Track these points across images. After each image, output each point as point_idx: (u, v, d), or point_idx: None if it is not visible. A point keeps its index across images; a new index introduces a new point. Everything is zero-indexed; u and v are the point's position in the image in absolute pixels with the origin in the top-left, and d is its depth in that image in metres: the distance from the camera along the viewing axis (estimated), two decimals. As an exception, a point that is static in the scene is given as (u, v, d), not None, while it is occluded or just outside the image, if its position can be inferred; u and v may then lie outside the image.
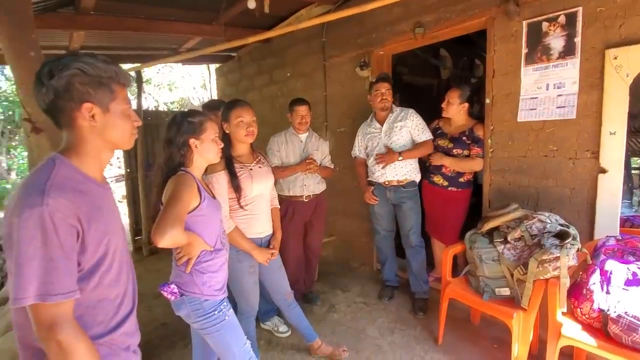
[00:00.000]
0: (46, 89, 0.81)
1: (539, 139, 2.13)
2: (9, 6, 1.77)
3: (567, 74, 1.99)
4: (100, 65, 0.85)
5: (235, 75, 5.14)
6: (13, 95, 6.02)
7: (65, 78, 0.81)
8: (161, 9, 3.09)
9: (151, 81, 9.79)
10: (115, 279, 0.90)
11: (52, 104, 0.83)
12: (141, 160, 4.50)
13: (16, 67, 1.86)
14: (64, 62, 0.81)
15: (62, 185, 0.79)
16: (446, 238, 2.64)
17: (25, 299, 0.73)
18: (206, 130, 1.38)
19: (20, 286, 0.73)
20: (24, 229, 0.74)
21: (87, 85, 0.83)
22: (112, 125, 0.89)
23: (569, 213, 2.02)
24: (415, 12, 2.69)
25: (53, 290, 0.75)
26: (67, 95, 0.82)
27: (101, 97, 0.86)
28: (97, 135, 0.87)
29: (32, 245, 0.74)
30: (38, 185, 0.77)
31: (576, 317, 1.68)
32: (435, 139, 2.59)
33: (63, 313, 0.77)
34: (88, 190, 0.85)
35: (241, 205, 1.75)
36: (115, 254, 0.90)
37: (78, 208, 0.79)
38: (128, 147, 0.96)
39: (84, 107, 0.83)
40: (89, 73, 0.83)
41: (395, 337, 2.32)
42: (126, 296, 0.96)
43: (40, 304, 0.74)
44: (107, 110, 0.87)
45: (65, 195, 0.78)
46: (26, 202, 0.75)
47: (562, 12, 1.97)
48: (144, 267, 4.02)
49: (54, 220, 0.75)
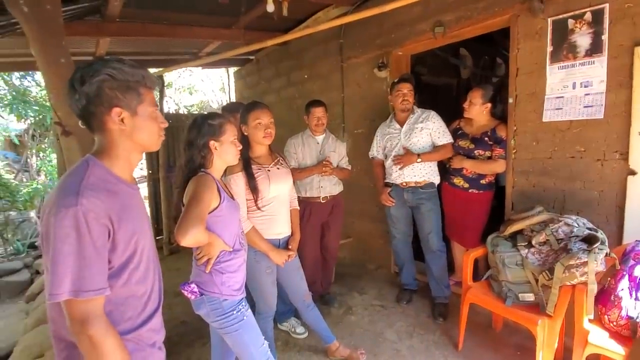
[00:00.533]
0: (79, 95, 0.85)
1: (565, 139, 2.06)
2: (41, 16, 1.86)
3: (594, 72, 1.92)
4: (128, 70, 0.88)
5: (253, 77, 5.21)
6: (43, 100, 6.30)
7: (96, 84, 0.84)
8: (183, 14, 3.17)
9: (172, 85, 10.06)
10: (142, 276, 0.93)
11: (84, 109, 0.86)
12: (163, 161, 4.62)
13: (47, 73, 1.95)
14: (94, 68, 0.85)
15: (95, 186, 0.83)
16: (467, 241, 2.58)
17: (60, 294, 0.77)
18: (225, 132, 1.41)
19: (55, 282, 0.77)
20: (60, 227, 0.77)
21: (115, 90, 0.86)
22: (141, 128, 0.91)
23: (597, 216, 1.94)
24: (435, 11, 2.66)
25: (85, 287, 0.78)
26: (98, 100, 0.85)
27: (129, 100, 0.88)
28: (126, 138, 0.90)
29: (66, 244, 0.77)
30: (73, 187, 0.81)
31: (604, 325, 1.62)
32: (455, 140, 2.54)
33: (94, 309, 0.80)
34: (119, 191, 0.88)
35: (258, 206, 1.77)
36: (143, 253, 0.93)
37: (110, 208, 0.83)
38: (156, 148, 0.98)
39: (113, 111, 0.87)
40: (118, 78, 0.86)
41: (414, 341, 2.29)
42: (153, 293, 0.99)
43: (73, 300, 0.78)
44: (135, 114, 0.90)
45: (98, 195, 0.82)
46: (62, 202, 0.79)
47: (589, 9, 1.90)
48: (164, 266, 4.08)
49: (87, 220, 0.78)
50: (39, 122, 6.48)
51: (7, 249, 5.04)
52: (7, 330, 3.51)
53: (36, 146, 6.98)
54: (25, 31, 1.90)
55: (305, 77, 4.13)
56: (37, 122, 6.52)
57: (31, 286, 4.06)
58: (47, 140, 6.73)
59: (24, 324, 3.04)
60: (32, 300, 3.66)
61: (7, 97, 6.24)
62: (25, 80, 6.77)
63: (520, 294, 1.86)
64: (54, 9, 1.90)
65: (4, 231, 5.08)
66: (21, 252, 5.02)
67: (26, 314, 3.61)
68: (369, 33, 3.22)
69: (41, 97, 6.47)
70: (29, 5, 1.81)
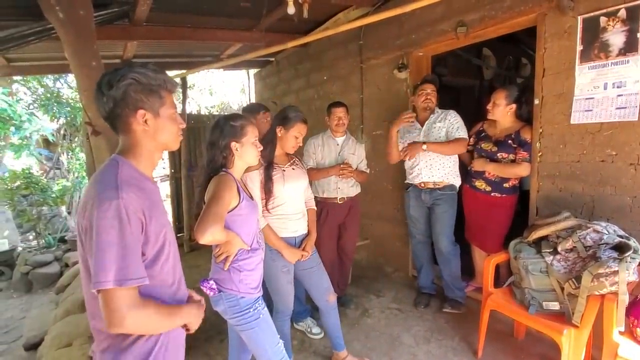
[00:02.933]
0: (106, 98, 0.90)
1: (595, 142, 1.97)
2: (75, 21, 1.95)
3: (628, 72, 1.83)
4: (151, 74, 0.93)
5: (273, 79, 5.27)
6: (74, 101, 6.60)
7: (123, 88, 0.89)
8: (205, 17, 3.24)
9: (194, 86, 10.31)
10: (172, 267, 0.99)
11: (111, 111, 0.91)
12: (184, 161, 4.75)
13: (79, 75, 2.05)
14: (121, 73, 0.90)
15: (129, 182, 0.88)
16: (488, 246, 2.51)
17: (106, 282, 0.80)
18: (247, 134, 1.43)
19: (101, 271, 0.80)
20: (103, 219, 0.81)
21: (140, 93, 0.91)
22: (162, 129, 0.96)
23: (630, 224, 1.85)
24: (457, 10, 2.61)
25: (129, 275, 0.82)
26: (124, 103, 0.90)
27: (152, 103, 0.93)
28: (150, 138, 0.95)
29: (110, 234, 0.81)
30: (110, 182, 0.86)
31: (635, 337, 1.55)
32: (478, 142, 2.48)
33: (134, 298, 0.84)
34: (146, 188, 0.93)
35: (267, 208, 1.80)
36: (171, 245, 0.99)
37: (142, 203, 0.87)
38: (175, 147, 1.03)
39: (138, 113, 0.91)
40: (142, 82, 0.91)
41: (431, 346, 2.25)
42: (181, 284, 1.05)
43: (117, 289, 0.81)
44: (157, 115, 0.95)
45: (133, 190, 0.86)
46: (103, 195, 0.83)
47: (623, 6, 1.81)
48: (185, 262, 4.18)
49: (128, 212, 0.83)
50: (70, 122, 6.79)
51: (40, 242, 5.29)
52: (39, 319, 3.69)
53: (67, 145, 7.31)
54: (60, 35, 2.01)
55: (324, 79, 4.14)
56: (68, 122, 6.83)
57: (60, 278, 4.25)
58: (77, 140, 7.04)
59: (54, 314, 3.19)
60: (62, 291, 3.82)
61: (42, 99, 6.58)
62: (58, 82, 7.11)
63: (545, 302, 1.79)
64: (87, 14, 2.00)
65: (36, 225, 5.35)
66: (52, 246, 5.26)
67: (56, 304, 3.78)
68: (389, 34, 3.20)
69: (72, 98, 6.77)
70: (64, 11, 1.91)
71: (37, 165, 7.65)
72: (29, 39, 2.52)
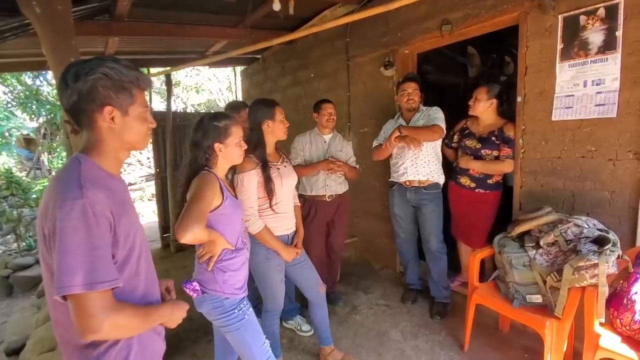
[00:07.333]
0: (71, 90, 0.84)
1: (575, 139, 2.02)
2: (52, 16, 1.88)
3: (607, 69, 1.87)
4: (123, 70, 0.88)
5: (259, 76, 5.23)
6: (54, 99, 6.42)
7: (90, 82, 0.83)
8: (189, 14, 3.18)
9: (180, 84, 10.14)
10: (144, 268, 0.95)
11: (75, 105, 0.86)
12: (170, 159, 4.67)
13: (58, 72, 1.98)
14: (90, 65, 0.84)
15: (93, 181, 0.83)
16: (473, 241, 2.55)
17: (72, 286, 0.74)
18: (231, 135, 1.41)
19: (65, 275, 0.74)
20: (67, 220, 0.76)
21: (109, 89, 0.86)
22: (130, 128, 0.91)
23: (609, 218, 1.90)
24: (442, 9, 2.63)
25: (99, 278, 0.77)
26: (90, 98, 0.85)
27: (122, 100, 0.88)
28: (115, 136, 0.90)
29: (76, 236, 0.76)
30: (73, 181, 0.81)
31: (615, 329, 1.59)
32: (462, 139, 2.51)
33: (108, 301, 0.79)
34: (112, 186, 0.89)
35: (273, 209, 1.78)
36: (142, 245, 0.95)
37: (109, 202, 0.83)
38: (142, 148, 0.99)
39: (105, 110, 0.86)
40: (112, 77, 0.86)
41: (418, 341, 2.27)
42: (154, 286, 1.01)
43: (87, 294, 0.76)
44: (126, 114, 0.90)
45: (98, 189, 0.82)
46: (66, 195, 0.78)
47: (602, 5, 1.85)
48: (171, 263, 4.16)
49: (95, 212, 0.78)
50: (50, 120, 6.61)
51: (20, 245, 5.15)
52: (21, 324, 3.59)
53: (47, 144, 7.11)
54: (37, 31, 1.94)
55: (311, 76, 4.12)
56: (48, 121, 6.65)
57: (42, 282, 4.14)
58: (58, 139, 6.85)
59: (36, 318, 3.10)
60: (43, 295, 3.72)
61: (21, 96, 6.38)
62: (37, 80, 6.90)
63: (528, 296, 1.83)
64: (65, 9, 1.93)
65: (17, 227, 5.19)
66: (33, 248, 5.13)
67: (38, 308, 3.68)
68: (375, 31, 3.20)
69: (52, 96, 6.58)
70: (41, 6, 1.84)
71: (17, 165, 7.42)
72: (5, 35, 2.44)
